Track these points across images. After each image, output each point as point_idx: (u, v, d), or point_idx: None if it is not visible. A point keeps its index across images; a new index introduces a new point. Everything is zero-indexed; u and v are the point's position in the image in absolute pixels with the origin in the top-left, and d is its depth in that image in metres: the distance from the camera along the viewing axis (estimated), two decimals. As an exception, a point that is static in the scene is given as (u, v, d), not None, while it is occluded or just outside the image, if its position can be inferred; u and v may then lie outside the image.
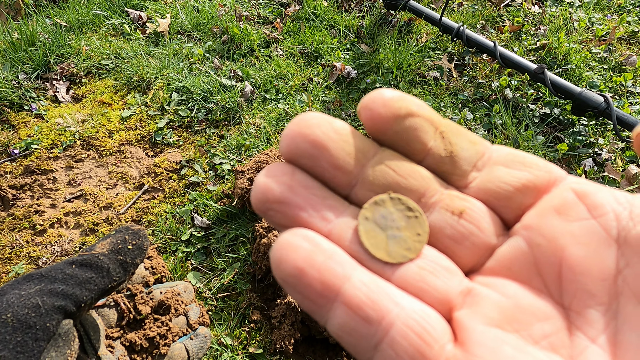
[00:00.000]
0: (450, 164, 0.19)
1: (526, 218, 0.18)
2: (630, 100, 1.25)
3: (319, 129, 0.17)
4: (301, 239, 0.16)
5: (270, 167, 0.18)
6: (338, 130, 0.18)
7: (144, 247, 0.47)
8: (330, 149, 0.17)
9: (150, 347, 0.50)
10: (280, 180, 0.17)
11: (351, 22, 1.53)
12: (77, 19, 1.56)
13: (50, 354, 0.38)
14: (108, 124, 1.23)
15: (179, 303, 0.53)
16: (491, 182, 0.18)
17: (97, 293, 0.42)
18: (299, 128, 0.17)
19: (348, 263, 0.16)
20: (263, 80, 1.33)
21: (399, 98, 0.18)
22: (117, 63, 1.40)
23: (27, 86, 1.31)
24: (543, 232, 0.17)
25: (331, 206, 0.17)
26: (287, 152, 0.18)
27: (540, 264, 0.17)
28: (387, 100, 0.18)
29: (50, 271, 0.42)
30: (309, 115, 0.18)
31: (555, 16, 1.55)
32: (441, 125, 0.19)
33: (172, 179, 1.10)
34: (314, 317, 0.16)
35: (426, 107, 0.19)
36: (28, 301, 0.39)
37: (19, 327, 0.37)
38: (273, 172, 0.17)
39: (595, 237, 0.16)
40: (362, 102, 0.18)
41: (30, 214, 1.02)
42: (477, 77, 1.33)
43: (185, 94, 1.30)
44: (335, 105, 1.25)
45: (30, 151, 1.15)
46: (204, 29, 1.54)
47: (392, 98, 0.18)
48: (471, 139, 0.19)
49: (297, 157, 0.18)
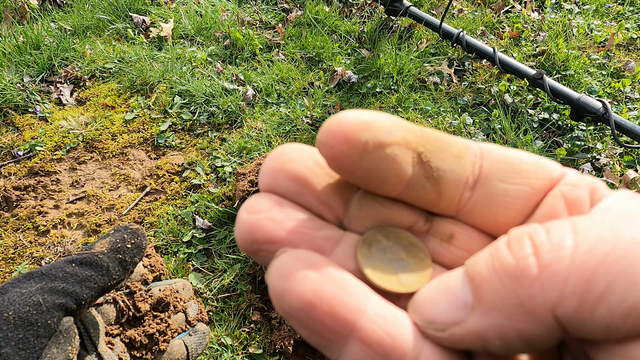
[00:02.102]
0: (435, 192, 0.16)
1: None
2: (629, 105, 1.26)
3: (301, 163, 0.16)
4: (306, 266, 0.14)
5: (254, 202, 0.16)
6: (321, 163, 0.16)
7: (143, 246, 0.48)
8: (314, 184, 0.16)
9: (150, 344, 0.51)
10: (268, 217, 0.15)
11: (352, 28, 1.54)
12: (81, 23, 1.59)
13: (51, 350, 0.39)
14: (111, 126, 1.24)
15: (177, 300, 0.54)
16: (487, 206, 0.16)
17: (96, 291, 0.43)
18: (280, 163, 0.16)
19: (361, 292, 0.14)
20: (265, 84, 1.34)
21: (363, 128, 0.15)
22: (121, 67, 1.42)
23: (32, 89, 1.33)
24: None
25: (327, 237, 0.16)
26: (268, 188, 0.16)
27: None
28: (349, 134, 0.15)
29: (51, 269, 0.42)
30: (289, 148, 0.16)
31: (554, 22, 1.56)
32: (418, 145, 0.16)
33: (174, 181, 1.11)
34: (323, 353, 0.15)
35: (398, 125, 0.16)
36: (29, 299, 0.39)
37: (21, 325, 0.38)
38: (258, 208, 0.16)
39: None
40: (320, 137, 0.15)
41: (34, 214, 1.03)
42: (476, 82, 1.34)
43: (188, 98, 1.31)
44: (336, 110, 1.26)
45: (34, 153, 1.16)
46: (206, 34, 1.56)
47: (354, 130, 0.15)
48: (455, 153, 0.16)
49: (279, 193, 0.16)
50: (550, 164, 0.17)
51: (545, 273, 0.13)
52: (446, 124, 1.21)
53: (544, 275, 0.13)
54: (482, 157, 0.17)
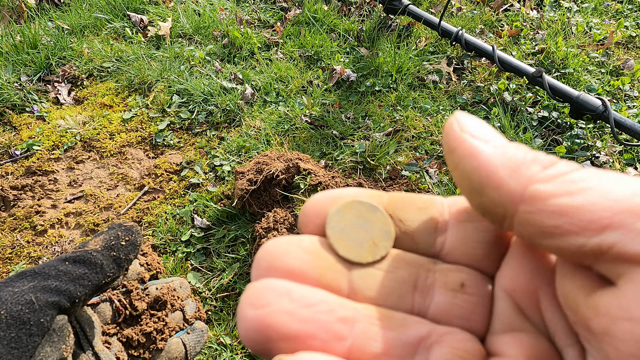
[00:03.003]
0: (411, 242, 0.18)
1: (502, 269, 0.18)
2: (628, 103, 1.26)
3: (289, 256, 0.16)
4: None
5: (259, 291, 0.15)
6: (309, 250, 0.16)
7: (138, 243, 0.48)
8: (308, 273, 0.16)
9: (147, 343, 0.51)
10: (279, 309, 0.14)
11: (351, 26, 1.54)
12: (79, 22, 1.58)
13: (45, 349, 0.39)
14: (109, 125, 1.24)
15: (175, 298, 0.54)
16: (464, 244, 0.18)
17: (91, 289, 0.43)
18: (269, 262, 0.16)
19: None
20: (263, 83, 1.34)
21: (330, 201, 0.18)
22: (119, 66, 1.41)
23: (29, 88, 1.33)
24: (515, 278, 0.17)
25: (343, 320, 0.15)
26: None
27: (523, 308, 0.17)
28: (319, 210, 0.17)
29: (44, 268, 0.42)
30: (274, 244, 0.16)
31: (553, 21, 1.56)
32: (386, 206, 0.18)
33: (173, 180, 1.11)
34: None
35: (361, 192, 0.18)
36: (21, 298, 0.39)
37: (13, 324, 0.38)
38: (265, 300, 0.14)
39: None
40: (299, 220, 0.18)
41: (31, 214, 1.02)
42: (475, 80, 1.34)
43: (186, 97, 1.31)
44: (334, 108, 1.25)
45: (32, 152, 1.15)
46: (204, 33, 1.55)
47: (323, 205, 0.18)
48: (419, 205, 0.18)
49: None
50: None
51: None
52: (445, 122, 1.20)
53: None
54: (448, 206, 0.18)
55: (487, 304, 0.17)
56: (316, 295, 0.15)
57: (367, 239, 0.17)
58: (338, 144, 1.16)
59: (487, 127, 0.16)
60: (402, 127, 1.19)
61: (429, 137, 1.17)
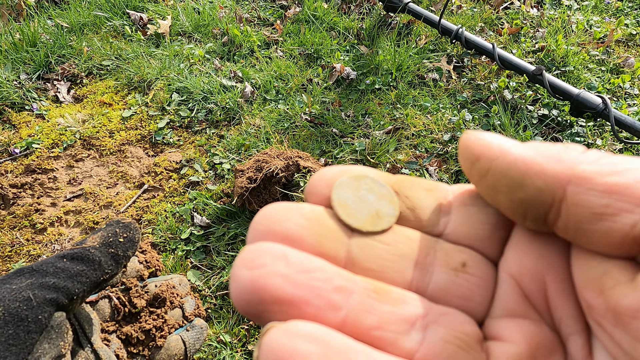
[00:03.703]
0: (415, 219, 0.18)
1: (505, 251, 0.17)
2: (628, 101, 1.26)
3: (288, 221, 0.15)
4: (306, 343, 0.12)
5: (254, 253, 0.14)
6: (309, 216, 0.16)
7: (136, 240, 0.47)
8: (306, 239, 0.15)
9: (147, 340, 0.50)
10: (274, 271, 0.14)
11: (351, 24, 1.54)
12: (78, 20, 1.58)
13: (43, 345, 0.39)
14: (109, 124, 1.23)
15: (174, 296, 0.54)
16: (466, 224, 0.17)
17: (89, 285, 0.43)
18: (266, 226, 0.15)
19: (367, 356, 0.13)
20: (263, 81, 1.33)
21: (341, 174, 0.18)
22: (118, 64, 1.41)
23: (29, 86, 1.32)
24: (521, 262, 0.16)
25: (339, 289, 0.15)
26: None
27: (529, 295, 0.16)
28: (328, 182, 0.17)
29: (42, 265, 0.42)
30: (273, 208, 0.16)
31: (553, 19, 1.56)
32: (393, 184, 0.18)
33: (172, 179, 1.11)
34: None
35: (371, 170, 0.18)
36: (19, 295, 0.39)
37: (11, 320, 0.38)
38: (260, 261, 0.14)
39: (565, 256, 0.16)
40: (306, 190, 0.17)
41: (31, 212, 1.02)
42: (475, 78, 1.34)
43: (186, 95, 1.30)
44: (334, 106, 1.25)
45: (31, 150, 1.15)
46: (204, 31, 1.55)
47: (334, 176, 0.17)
48: (426, 187, 0.18)
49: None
50: None
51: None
52: (445, 120, 1.20)
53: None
54: (453, 192, 0.18)
55: (489, 287, 0.17)
56: (313, 262, 0.15)
57: (371, 210, 0.17)
58: (338, 142, 1.15)
59: (502, 136, 0.16)
60: (402, 125, 1.19)
61: (429, 135, 1.17)
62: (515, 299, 0.16)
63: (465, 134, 0.17)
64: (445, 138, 1.15)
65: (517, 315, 0.16)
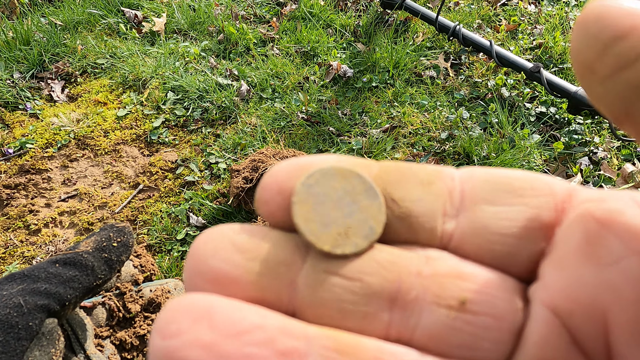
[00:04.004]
0: (407, 230, 0.13)
1: (544, 274, 0.12)
2: (626, 99, 1.25)
3: (216, 257, 0.12)
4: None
5: (169, 313, 0.11)
6: (244, 247, 0.12)
7: (130, 244, 0.47)
8: (241, 279, 0.12)
9: (141, 345, 0.50)
10: (193, 340, 0.10)
11: (347, 22, 1.53)
12: (72, 18, 1.56)
13: (33, 353, 0.38)
14: (103, 123, 1.22)
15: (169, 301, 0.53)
16: (478, 235, 0.13)
17: (81, 291, 0.42)
18: (195, 264, 0.12)
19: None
20: (259, 79, 1.32)
21: (297, 173, 0.13)
22: (113, 62, 1.40)
23: (22, 85, 1.31)
24: (572, 292, 0.11)
25: (285, 353, 0.11)
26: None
27: (582, 341, 0.11)
28: (282, 183, 0.13)
29: (33, 270, 0.41)
30: (203, 239, 0.12)
31: (551, 15, 1.55)
32: (376, 177, 0.13)
33: (168, 178, 1.10)
34: None
35: (340, 160, 0.13)
36: (9, 301, 0.38)
37: (0, 327, 0.37)
38: (175, 326, 0.11)
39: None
40: (256, 195, 0.13)
41: (25, 213, 1.01)
42: (473, 76, 1.33)
43: (181, 93, 1.29)
44: (331, 104, 1.24)
45: (25, 150, 1.14)
46: (200, 28, 1.53)
47: (288, 177, 0.13)
48: (423, 179, 0.13)
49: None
50: (550, 179, 0.13)
51: None
52: (443, 118, 1.19)
53: None
54: (461, 182, 0.13)
55: (509, 327, 0.12)
56: (249, 316, 0.11)
57: (339, 224, 0.13)
58: (335, 141, 1.15)
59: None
60: (399, 124, 1.18)
61: (426, 133, 1.17)
62: (557, 345, 0.11)
63: (596, 1, 0.11)
64: (442, 136, 1.14)
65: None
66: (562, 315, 0.11)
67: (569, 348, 0.11)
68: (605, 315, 0.11)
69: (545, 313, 0.12)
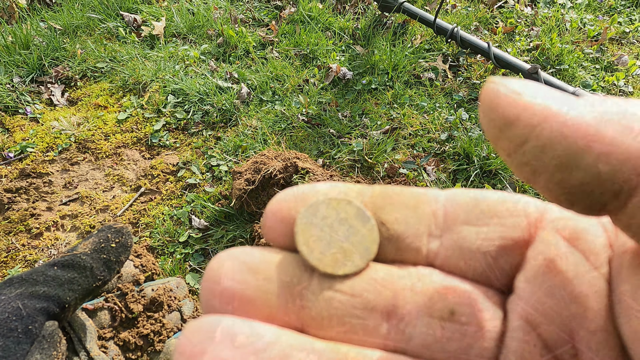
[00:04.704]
0: (396, 251, 0.14)
1: (518, 287, 0.14)
2: (623, 99, 1.26)
3: (230, 278, 0.13)
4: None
5: (192, 334, 0.12)
6: (256, 268, 0.13)
7: (128, 245, 0.47)
8: (255, 300, 0.13)
9: (145, 345, 0.50)
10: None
11: (346, 24, 1.54)
12: (71, 23, 1.56)
13: (34, 356, 0.38)
14: (104, 126, 1.22)
15: (171, 299, 0.53)
16: (460, 253, 0.14)
17: (81, 293, 0.42)
18: (210, 285, 0.13)
19: None
20: (259, 82, 1.33)
21: (297, 201, 0.14)
22: (113, 66, 1.40)
23: (22, 90, 1.31)
24: (542, 304, 0.13)
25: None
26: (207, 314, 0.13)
27: (553, 347, 0.13)
28: (285, 212, 0.14)
29: (32, 274, 0.41)
30: (217, 261, 0.14)
31: (547, 17, 1.56)
32: (368, 203, 0.15)
33: (169, 181, 1.10)
34: None
35: (335, 187, 0.15)
36: (8, 305, 0.38)
37: (0, 332, 0.37)
38: (199, 347, 0.11)
39: (602, 297, 0.12)
40: (262, 222, 0.14)
41: (26, 217, 1.01)
42: (471, 77, 1.34)
43: (181, 96, 1.30)
44: (331, 107, 1.25)
45: (26, 154, 1.14)
46: (199, 32, 1.54)
47: (288, 206, 0.14)
48: (408, 202, 0.15)
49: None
50: (525, 200, 0.15)
51: None
52: (442, 119, 1.20)
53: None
54: (444, 203, 0.15)
55: (494, 337, 0.13)
56: (266, 335, 0.12)
57: (337, 248, 0.14)
58: (335, 143, 1.15)
59: (546, 87, 0.12)
60: (399, 125, 1.19)
61: (425, 134, 1.17)
62: (532, 352, 0.13)
63: (490, 83, 0.12)
64: (442, 137, 1.15)
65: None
66: (534, 325, 0.13)
67: (543, 354, 0.13)
68: (571, 325, 0.12)
69: (520, 323, 0.13)
